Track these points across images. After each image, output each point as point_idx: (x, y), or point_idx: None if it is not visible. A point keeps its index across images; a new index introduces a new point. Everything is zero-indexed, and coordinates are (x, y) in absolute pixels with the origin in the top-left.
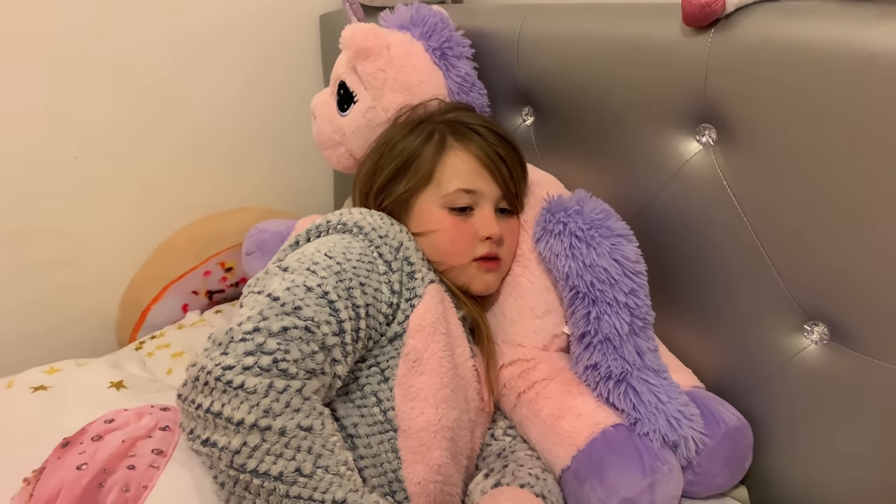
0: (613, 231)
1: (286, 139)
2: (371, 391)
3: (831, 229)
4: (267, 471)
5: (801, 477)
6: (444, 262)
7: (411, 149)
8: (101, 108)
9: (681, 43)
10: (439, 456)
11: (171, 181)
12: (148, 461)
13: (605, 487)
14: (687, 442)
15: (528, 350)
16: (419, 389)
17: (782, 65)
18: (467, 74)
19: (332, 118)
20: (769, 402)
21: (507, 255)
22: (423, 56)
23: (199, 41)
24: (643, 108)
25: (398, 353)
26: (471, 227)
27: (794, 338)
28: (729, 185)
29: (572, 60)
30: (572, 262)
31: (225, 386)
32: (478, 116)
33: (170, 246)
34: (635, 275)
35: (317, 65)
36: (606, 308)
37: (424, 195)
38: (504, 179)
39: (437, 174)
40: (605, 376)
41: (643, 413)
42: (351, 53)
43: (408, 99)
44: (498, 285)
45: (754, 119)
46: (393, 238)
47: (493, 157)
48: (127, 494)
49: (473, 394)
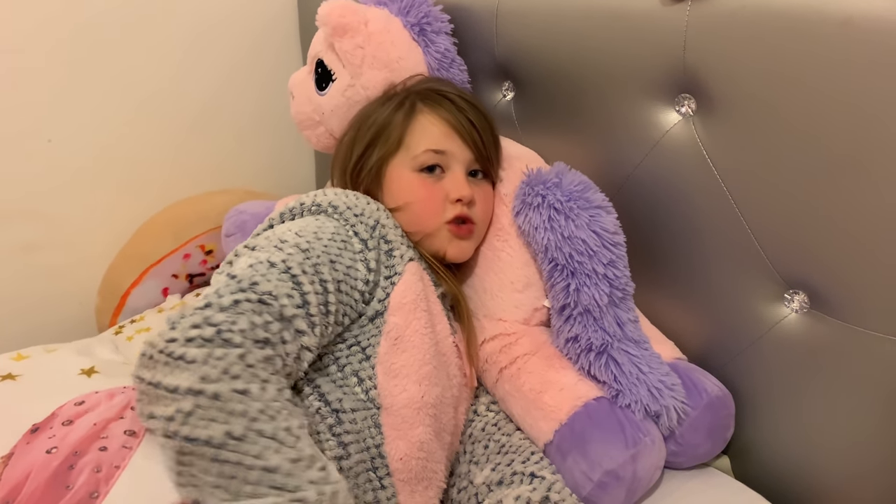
0: (592, 203)
1: (265, 120)
2: (352, 371)
3: (811, 197)
4: (197, 436)
5: (782, 446)
6: (417, 229)
7: (382, 118)
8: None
9: (659, 12)
10: (422, 433)
11: (149, 164)
12: (120, 442)
13: (588, 460)
14: (669, 412)
15: (508, 324)
16: (401, 367)
17: (760, 31)
18: (447, 50)
19: (311, 97)
20: (750, 371)
21: (482, 221)
22: (401, 32)
23: (177, 27)
24: (622, 80)
25: (379, 332)
26: (441, 189)
27: (774, 307)
28: (709, 155)
29: (551, 33)
30: (551, 234)
31: (167, 358)
32: (451, 85)
33: (149, 229)
34: (614, 246)
35: (295, 44)
36: (585, 279)
37: (395, 161)
38: (475, 143)
39: (407, 138)
40: (585, 348)
41: (624, 384)
42: (328, 30)
43: (387, 76)
44: (470, 253)
45: (733, 88)
46: (369, 217)
47: (463, 121)
48: (98, 475)
49: (455, 370)
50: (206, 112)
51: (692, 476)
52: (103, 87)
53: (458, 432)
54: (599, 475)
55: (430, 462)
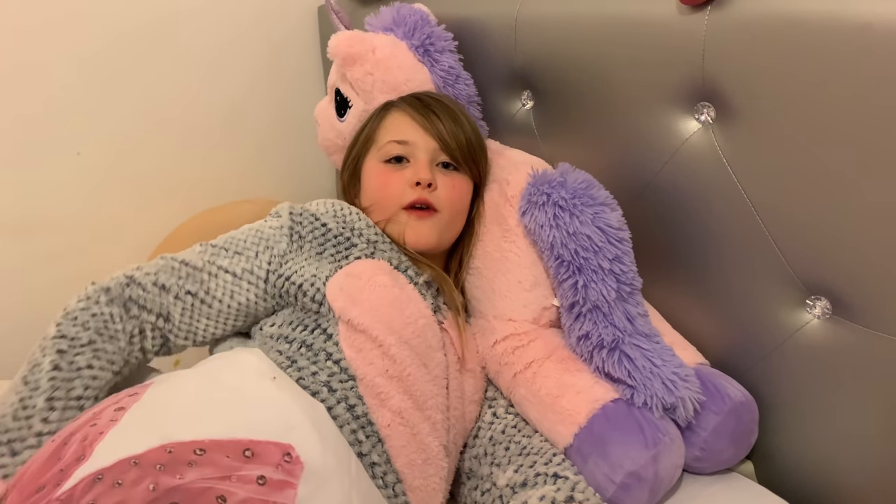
0: (596, 200)
1: (287, 131)
2: (320, 348)
3: (831, 203)
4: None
5: (806, 451)
6: (380, 217)
7: (365, 126)
8: (109, 105)
9: (678, 21)
10: (399, 402)
11: (174, 177)
12: (109, 417)
13: (609, 462)
14: (685, 403)
15: (518, 324)
16: (362, 343)
17: (779, 39)
18: (451, 67)
19: (333, 124)
20: (772, 377)
21: (447, 208)
22: (406, 55)
23: (200, 40)
24: (642, 89)
25: (332, 315)
26: (402, 176)
27: (796, 313)
28: (728, 163)
29: (570, 42)
30: (556, 231)
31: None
32: (433, 94)
33: (175, 239)
34: (619, 241)
35: (316, 57)
36: (592, 276)
37: (367, 157)
38: (438, 133)
39: (376, 135)
40: (597, 345)
41: (639, 379)
42: (339, 61)
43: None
44: (434, 239)
45: (752, 96)
46: (314, 218)
47: (426, 112)
48: (84, 443)
49: (437, 352)
50: (228, 123)
51: (715, 480)
52: (131, 101)
53: (454, 414)
54: (622, 477)
55: (418, 435)
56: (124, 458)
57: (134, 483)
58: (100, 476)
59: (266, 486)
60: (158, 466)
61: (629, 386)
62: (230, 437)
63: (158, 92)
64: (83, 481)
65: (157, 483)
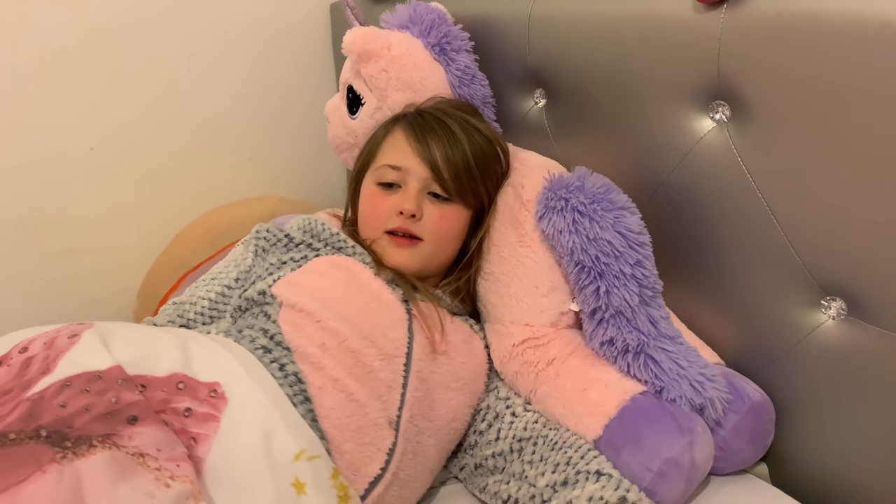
0: (616, 204)
1: (300, 129)
2: (259, 327)
3: (847, 203)
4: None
5: (820, 453)
6: (365, 236)
7: (373, 137)
8: (122, 100)
9: (693, 20)
10: (335, 371)
11: (187, 172)
12: (66, 341)
13: (645, 451)
14: (713, 403)
15: (536, 328)
16: (299, 319)
17: (796, 38)
18: (467, 67)
19: (345, 121)
20: (787, 378)
21: (431, 239)
22: (422, 53)
23: (213, 34)
24: (656, 87)
25: (276, 301)
26: (390, 201)
27: (811, 313)
28: (743, 162)
29: (584, 41)
30: (576, 237)
31: None
32: (447, 104)
33: (187, 235)
34: (640, 246)
35: (328, 55)
36: (614, 281)
37: (367, 174)
38: (433, 160)
39: (377, 153)
40: (622, 350)
41: (666, 381)
42: (353, 57)
43: (410, 97)
44: (414, 266)
45: (768, 94)
46: (290, 232)
47: (423, 136)
48: (47, 360)
49: (391, 331)
50: (243, 123)
51: (729, 481)
52: (142, 96)
53: (419, 396)
54: (659, 464)
55: (356, 402)
56: (90, 370)
57: (100, 393)
58: (68, 383)
59: (191, 418)
60: (120, 381)
61: (656, 388)
62: (168, 373)
63: (169, 86)
64: (52, 386)
65: (119, 397)
